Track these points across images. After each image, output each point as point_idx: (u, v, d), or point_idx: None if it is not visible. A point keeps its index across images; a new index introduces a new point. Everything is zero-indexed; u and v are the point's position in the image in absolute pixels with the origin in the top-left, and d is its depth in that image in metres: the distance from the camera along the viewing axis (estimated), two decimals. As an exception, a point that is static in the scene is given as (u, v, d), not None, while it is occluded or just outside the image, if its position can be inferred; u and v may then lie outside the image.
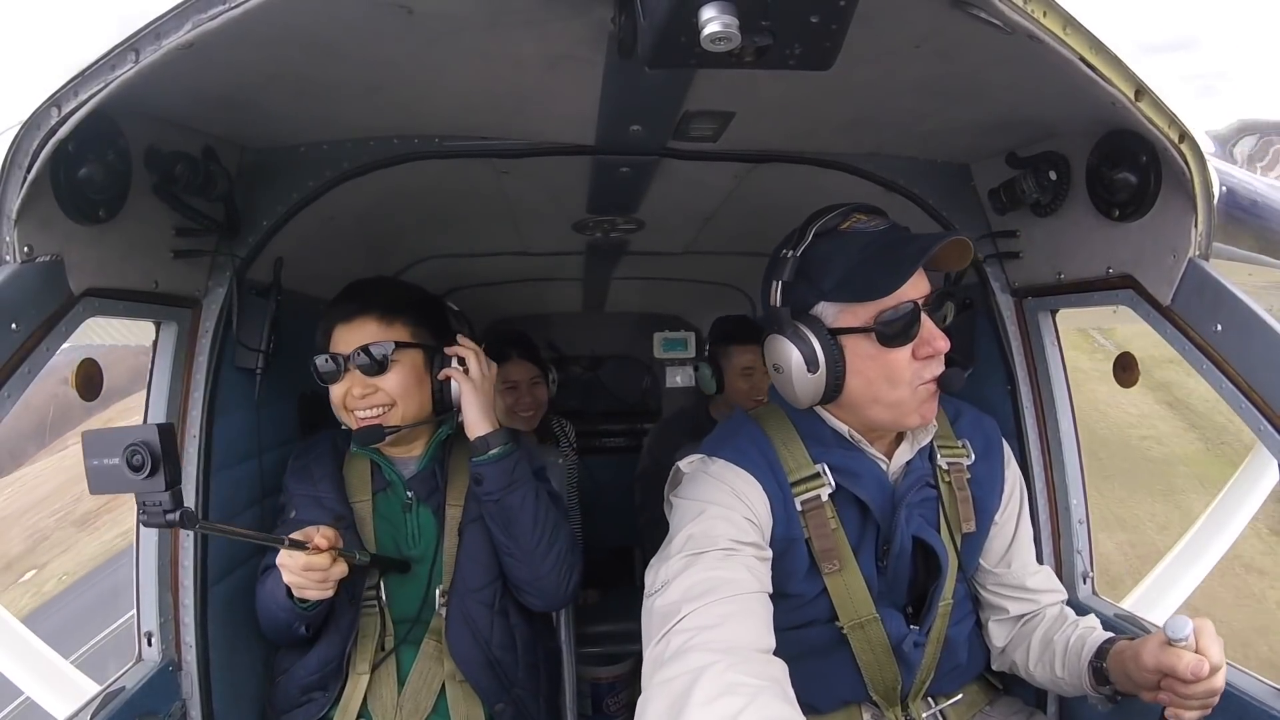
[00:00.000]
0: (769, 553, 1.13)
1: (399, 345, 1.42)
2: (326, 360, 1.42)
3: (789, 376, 1.14)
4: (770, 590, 1.08)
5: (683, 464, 1.24)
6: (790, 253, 1.15)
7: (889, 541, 1.22)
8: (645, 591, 1.07)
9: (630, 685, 2.81)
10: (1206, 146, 1.05)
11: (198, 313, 1.41)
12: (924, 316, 1.12)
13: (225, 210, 1.36)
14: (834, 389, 1.14)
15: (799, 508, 1.18)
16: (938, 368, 1.15)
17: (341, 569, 1.28)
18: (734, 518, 1.11)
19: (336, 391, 1.43)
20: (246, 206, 1.42)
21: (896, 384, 1.13)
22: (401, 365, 1.43)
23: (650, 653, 0.97)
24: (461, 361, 1.47)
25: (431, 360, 1.47)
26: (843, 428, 1.21)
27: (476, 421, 1.43)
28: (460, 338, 1.50)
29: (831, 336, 1.12)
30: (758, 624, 1.00)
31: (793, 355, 1.13)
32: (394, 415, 1.43)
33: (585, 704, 2.68)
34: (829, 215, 1.16)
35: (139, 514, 0.97)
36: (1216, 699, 1.02)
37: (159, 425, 0.95)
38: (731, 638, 0.94)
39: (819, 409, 1.22)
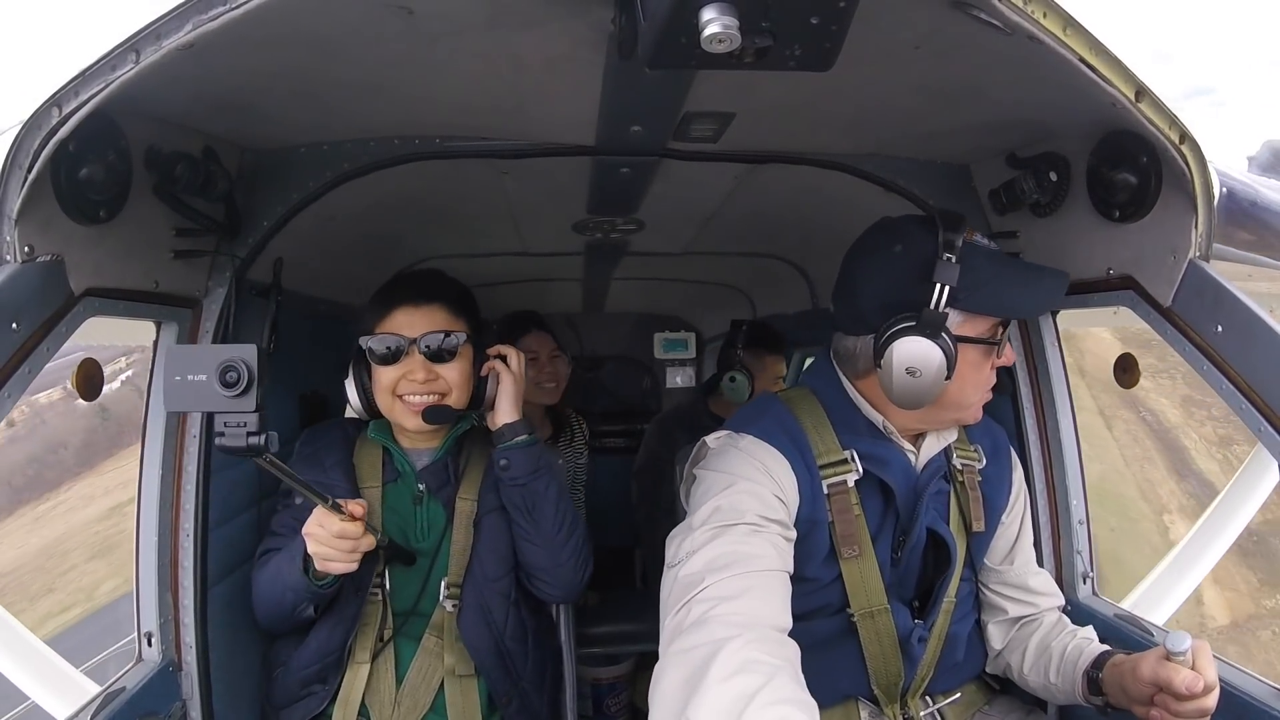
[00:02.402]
0: (794, 533, 1.14)
1: (467, 338, 1.47)
2: (391, 338, 1.43)
3: (924, 380, 1.11)
4: (792, 571, 1.09)
5: (710, 439, 1.24)
6: (950, 258, 1.11)
7: (906, 532, 1.23)
8: (666, 563, 1.07)
9: (630, 686, 2.81)
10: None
11: (198, 313, 1.41)
12: (1004, 333, 1.21)
13: (225, 210, 1.36)
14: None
15: (825, 490, 1.19)
16: (995, 375, 1.23)
17: (370, 541, 1.30)
18: (762, 493, 1.12)
19: (390, 374, 1.44)
20: (246, 207, 1.42)
21: (979, 390, 1.21)
22: (463, 357, 1.47)
23: (670, 621, 0.98)
24: (502, 359, 1.52)
25: (476, 356, 1.51)
26: (877, 418, 1.23)
27: (508, 410, 1.47)
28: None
29: (953, 342, 1.12)
30: (778, 602, 1.01)
31: (936, 360, 1.11)
32: (447, 403, 1.46)
33: (585, 704, 2.69)
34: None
35: (216, 437, 0.94)
36: (1207, 719, 1.03)
37: (258, 346, 0.94)
38: (752, 612, 0.95)
39: (857, 398, 1.24)
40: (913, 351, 1.11)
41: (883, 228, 1.22)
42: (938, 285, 1.10)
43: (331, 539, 1.25)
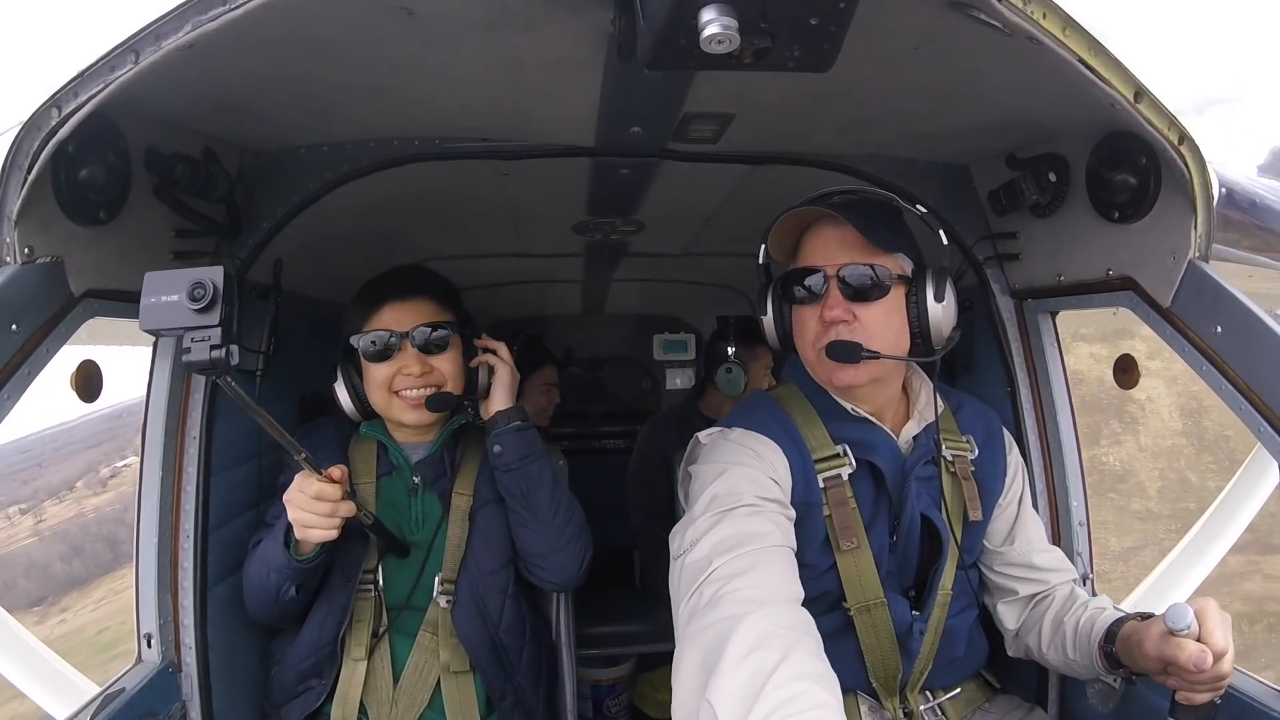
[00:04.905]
0: (793, 512, 1.16)
1: (456, 329, 1.48)
2: (382, 335, 1.43)
3: (764, 323, 1.30)
4: (795, 548, 1.10)
5: (701, 436, 1.27)
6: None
7: (900, 516, 1.24)
8: (671, 554, 1.08)
9: (630, 687, 2.80)
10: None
11: None
12: (831, 284, 1.20)
13: (225, 211, 1.36)
14: (781, 335, 1.29)
15: (820, 484, 1.21)
16: (841, 335, 1.18)
17: (349, 507, 1.29)
18: (756, 476, 1.14)
19: (384, 370, 1.44)
20: (246, 208, 1.42)
21: (803, 341, 1.25)
22: (454, 348, 1.48)
23: (684, 607, 0.98)
24: (492, 351, 1.53)
25: (465, 348, 1.52)
26: (846, 403, 1.25)
27: (502, 398, 1.49)
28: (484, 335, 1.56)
29: (769, 289, 1.30)
30: (786, 575, 1.03)
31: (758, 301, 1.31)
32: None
33: (585, 706, 2.68)
34: (821, 193, 1.26)
35: (182, 355, 0.93)
36: (1226, 682, 1.01)
37: (224, 269, 0.93)
38: (763, 587, 0.96)
39: (827, 384, 1.27)
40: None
41: None
42: (761, 245, 1.29)
43: (310, 502, 1.24)
